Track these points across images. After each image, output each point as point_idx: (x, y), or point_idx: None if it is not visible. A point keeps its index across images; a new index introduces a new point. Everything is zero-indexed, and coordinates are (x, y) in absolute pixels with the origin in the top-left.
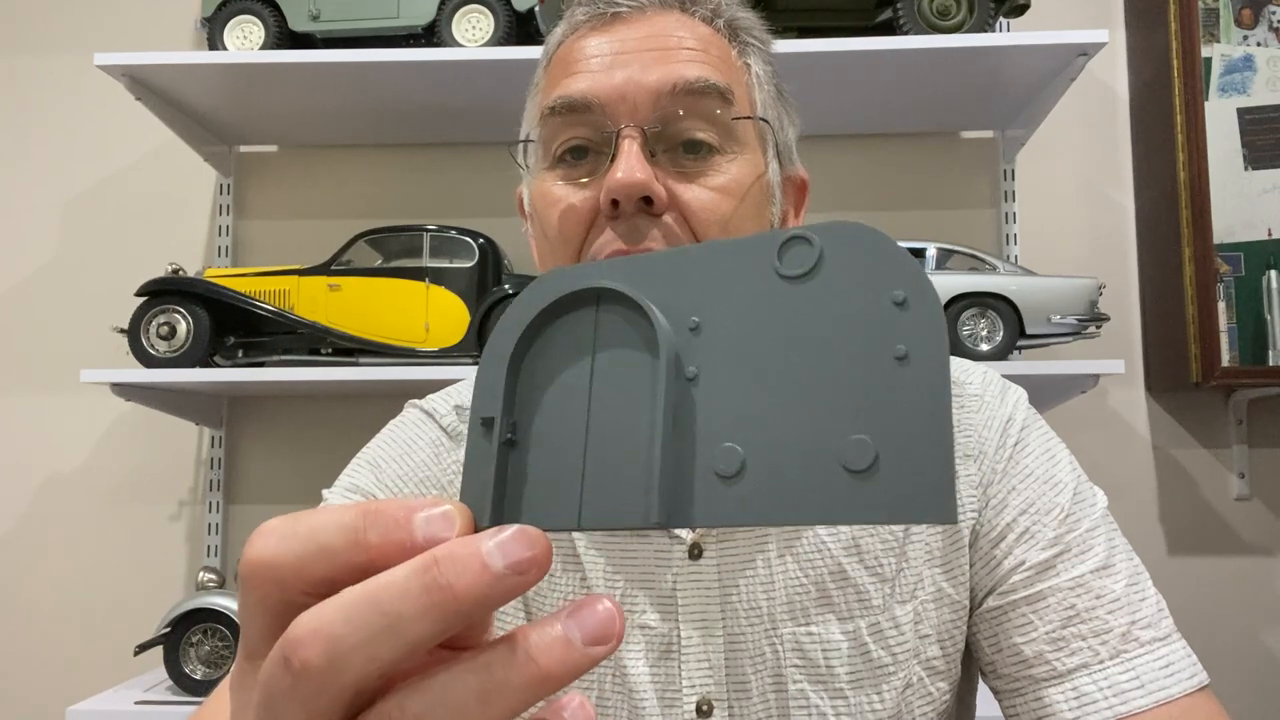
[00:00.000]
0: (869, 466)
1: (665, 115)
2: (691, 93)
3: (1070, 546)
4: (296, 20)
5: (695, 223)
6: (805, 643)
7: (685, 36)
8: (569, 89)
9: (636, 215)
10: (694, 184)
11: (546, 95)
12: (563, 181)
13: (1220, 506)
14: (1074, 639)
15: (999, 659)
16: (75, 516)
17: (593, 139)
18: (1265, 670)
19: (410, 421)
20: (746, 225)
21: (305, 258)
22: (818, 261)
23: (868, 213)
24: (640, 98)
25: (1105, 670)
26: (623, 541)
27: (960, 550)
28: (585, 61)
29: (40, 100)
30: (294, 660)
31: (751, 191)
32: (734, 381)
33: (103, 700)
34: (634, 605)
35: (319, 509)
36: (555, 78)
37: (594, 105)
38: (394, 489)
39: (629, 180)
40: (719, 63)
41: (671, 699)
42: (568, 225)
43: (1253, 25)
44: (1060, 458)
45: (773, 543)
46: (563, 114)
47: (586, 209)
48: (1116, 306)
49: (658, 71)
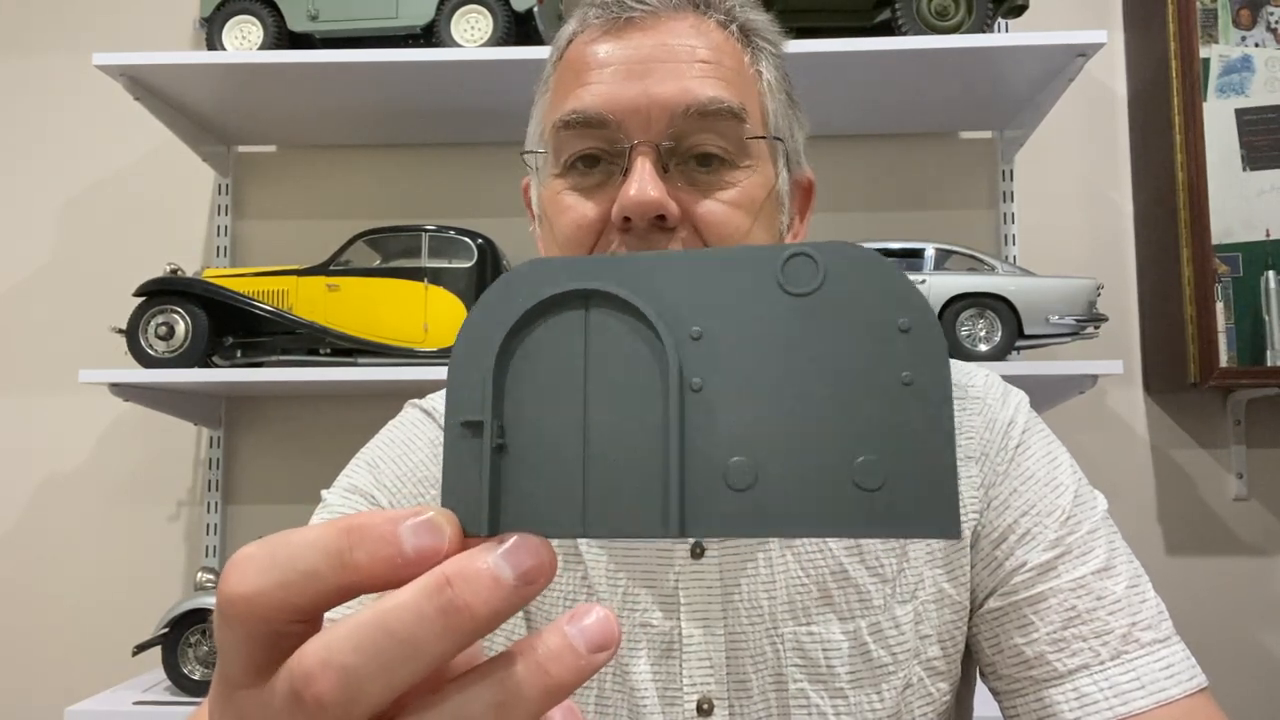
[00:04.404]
0: (879, 486)
1: (679, 131)
2: (706, 114)
3: (1071, 548)
4: (295, 20)
5: (709, 236)
6: (806, 642)
7: (699, 46)
8: (582, 101)
9: (649, 231)
10: (707, 198)
11: (558, 102)
12: (573, 190)
13: (1218, 507)
14: (1075, 640)
15: (999, 660)
16: (73, 517)
17: (605, 150)
18: (1264, 670)
19: (409, 421)
20: (759, 237)
21: (304, 258)
22: (822, 280)
23: (866, 213)
24: (654, 113)
25: (1106, 671)
26: (625, 540)
27: (962, 551)
28: (598, 71)
29: (39, 100)
30: (306, 695)
31: (764, 204)
32: (741, 394)
33: (101, 701)
34: (636, 604)
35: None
36: (566, 83)
37: (608, 121)
38: (392, 489)
39: (642, 199)
40: (732, 75)
41: (672, 697)
42: (578, 235)
43: (1251, 26)
44: (1061, 461)
45: (774, 542)
46: (576, 128)
47: (597, 218)
48: (1115, 307)
49: (672, 87)
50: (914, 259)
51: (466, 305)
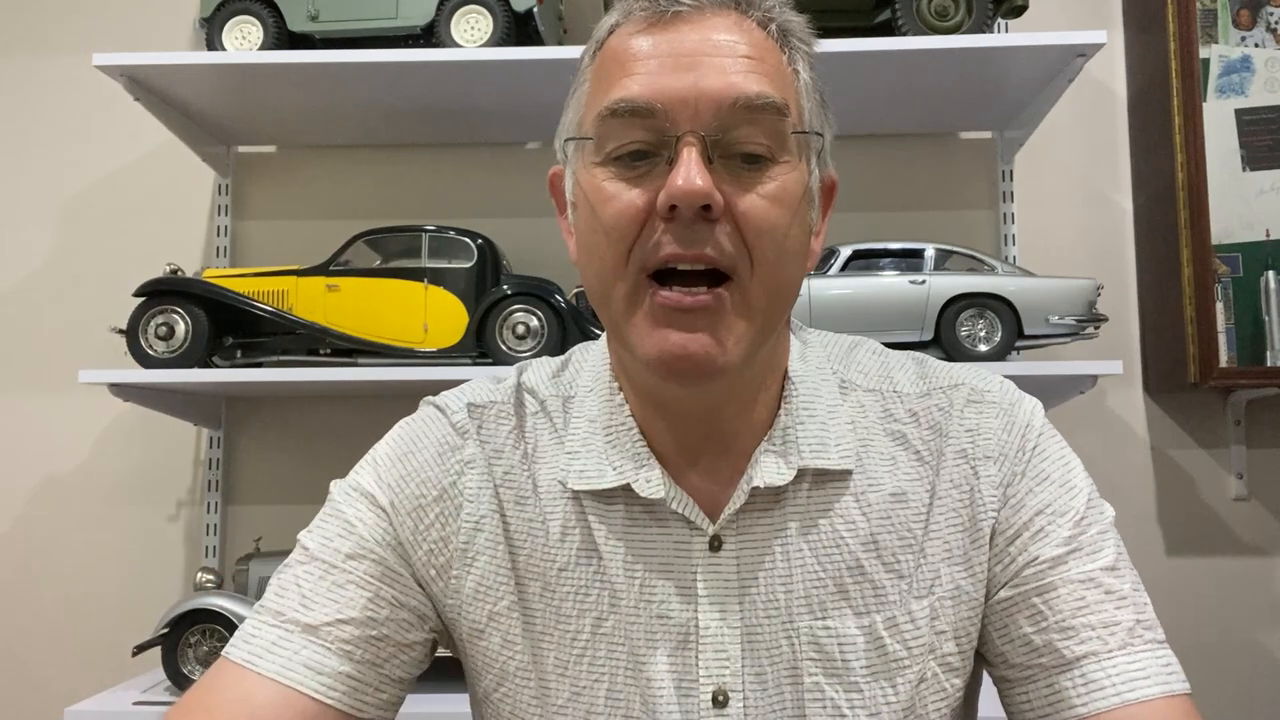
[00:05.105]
0: None
1: (724, 125)
2: (751, 108)
3: (1083, 546)
4: (295, 20)
5: (748, 231)
6: (821, 636)
7: (741, 43)
8: (630, 91)
9: (694, 221)
10: (749, 192)
11: (601, 91)
12: (616, 179)
13: (1218, 507)
14: (1084, 629)
15: (1010, 649)
16: (73, 517)
17: (651, 141)
18: (1263, 670)
19: (420, 419)
20: (794, 233)
21: (304, 258)
22: None
23: (866, 213)
24: (702, 104)
25: (1114, 659)
26: (643, 531)
27: (981, 548)
28: (645, 62)
29: (39, 100)
30: None
31: (800, 200)
32: None
33: (101, 701)
34: (653, 595)
35: None
36: (611, 73)
37: (656, 110)
38: (394, 489)
39: (690, 189)
40: (774, 73)
41: (688, 688)
42: (621, 223)
43: (1250, 26)
44: (1075, 466)
45: (791, 535)
46: (624, 116)
47: (641, 208)
48: (1114, 307)
49: (719, 81)
50: (914, 259)
51: (466, 305)
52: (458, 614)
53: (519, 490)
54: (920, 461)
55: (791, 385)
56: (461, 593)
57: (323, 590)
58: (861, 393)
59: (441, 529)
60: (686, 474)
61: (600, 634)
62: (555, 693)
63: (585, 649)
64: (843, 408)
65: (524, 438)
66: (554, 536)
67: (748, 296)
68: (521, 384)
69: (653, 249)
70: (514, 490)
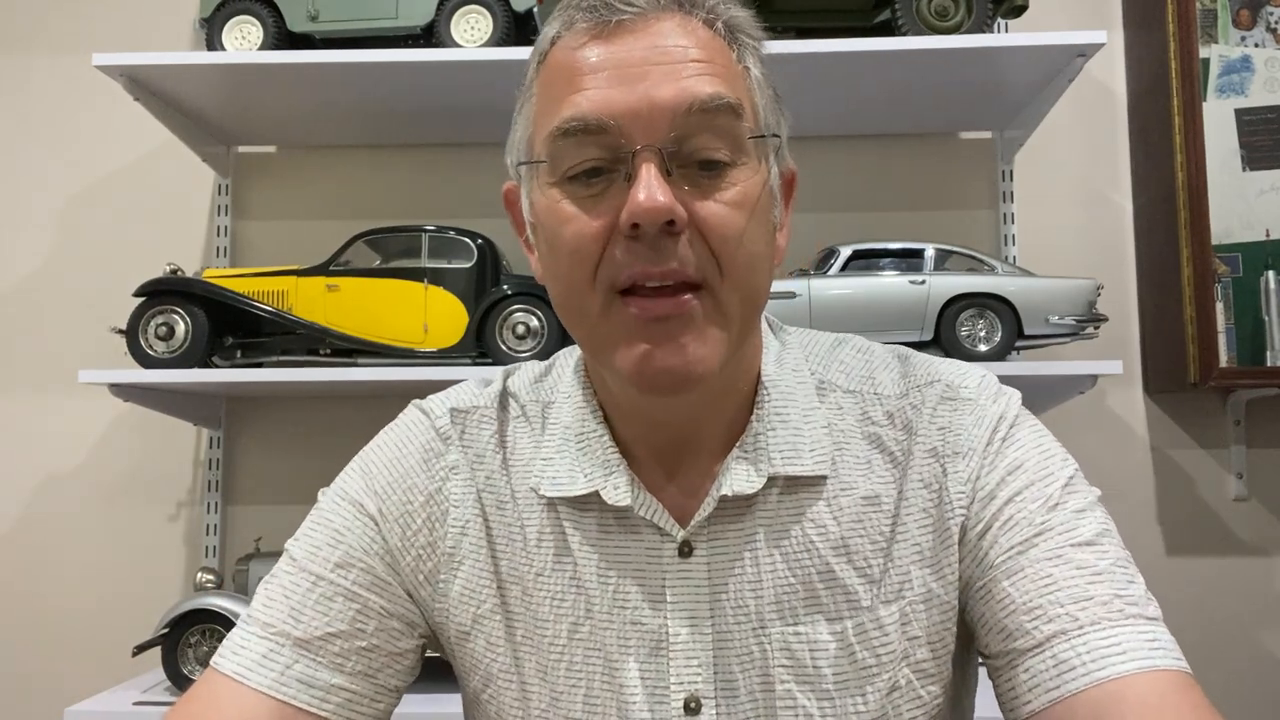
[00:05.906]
0: None
1: (680, 134)
2: (706, 111)
3: (1053, 526)
4: (295, 21)
5: (713, 239)
6: (793, 643)
7: (690, 46)
8: (580, 108)
9: (659, 237)
10: (709, 199)
11: (550, 109)
12: (572, 200)
13: (1218, 507)
14: (1051, 606)
15: (990, 639)
16: (73, 517)
17: (606, 159)
18: (1263, 670)
19: (405, 424)
20: (756, 234)
21: (304, 258)
22: None
23: (866, 213)
24: (656, 115)
25: (1085, 636)
26: (615, 538)
27: (949, 548)
28: (592, 76)
29: (39, 100)
30: None
31: (760, 201)
32: None
33: (101, 701)
34: (626, 601)
35: None
36: (557, 90)
37: (609, 126)
38: (381, 495)
39: (652, 206)
40: (725, 73)
41: (660, 695)
42: (584, 244)
43: (1250, 26)
44: (1053, 453)
45: (761, 541)
46: (576, 135)
47: (602, 227)
48: (1114, 307)
49: (671, 88)
50: (914, 259)
51: (466, 305)
52: (445, 617)
53: (499, 495)
54: (893, 463)
55: (764, 390)
56: (449, 596)
57: (311, 602)
58: (840, 394)
59: (429, 534)
60: (660, 480)
61: (576, 639)
62: (536, 696)
63: (562, 654)
64: (819, 411)
65: (504, 443)
66: (531, 542)
67: (720, 303)
68: (506, 388)
69: (620, 267)
70: (495, 495)
